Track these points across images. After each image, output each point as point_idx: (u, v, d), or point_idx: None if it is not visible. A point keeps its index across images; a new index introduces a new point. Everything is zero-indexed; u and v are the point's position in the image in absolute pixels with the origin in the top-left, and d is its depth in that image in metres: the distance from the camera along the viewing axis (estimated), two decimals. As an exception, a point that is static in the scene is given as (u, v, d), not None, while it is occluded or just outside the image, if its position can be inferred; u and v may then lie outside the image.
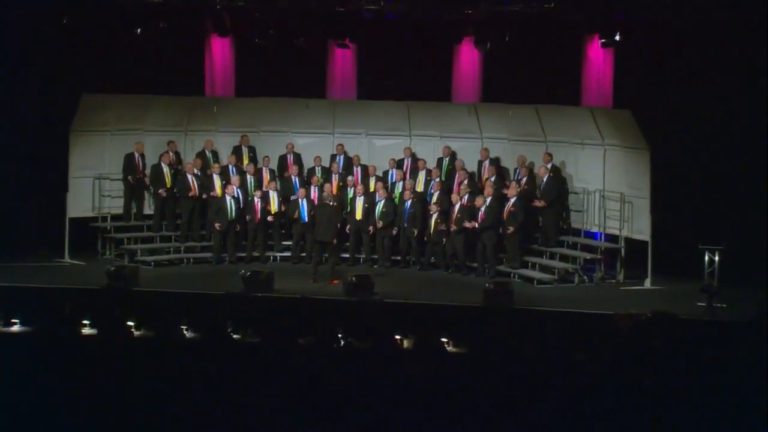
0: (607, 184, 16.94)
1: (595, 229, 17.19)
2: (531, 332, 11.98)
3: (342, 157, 18.31)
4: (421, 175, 17.82)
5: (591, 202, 17.13)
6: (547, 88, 17.95)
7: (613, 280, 16.56)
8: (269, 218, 17.29)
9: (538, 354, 11.16)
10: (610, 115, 17.22)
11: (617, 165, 16.88)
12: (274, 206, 17.38)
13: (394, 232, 17.22)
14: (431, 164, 18.02)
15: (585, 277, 16.49)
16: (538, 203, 16.97)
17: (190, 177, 17.52)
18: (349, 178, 17.74)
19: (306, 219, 17.05)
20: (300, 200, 17.20)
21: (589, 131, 17.28)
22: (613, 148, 16.95)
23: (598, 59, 18.10)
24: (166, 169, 17.70)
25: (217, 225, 17.06)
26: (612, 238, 16.92)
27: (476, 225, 16.40)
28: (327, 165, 18.16)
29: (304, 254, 17.40)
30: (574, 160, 17.56)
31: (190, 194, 17.46)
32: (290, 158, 18.32)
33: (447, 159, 18.04)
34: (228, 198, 17.11)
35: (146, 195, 18.07)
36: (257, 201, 17.24)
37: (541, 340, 11.57)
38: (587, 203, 17.21)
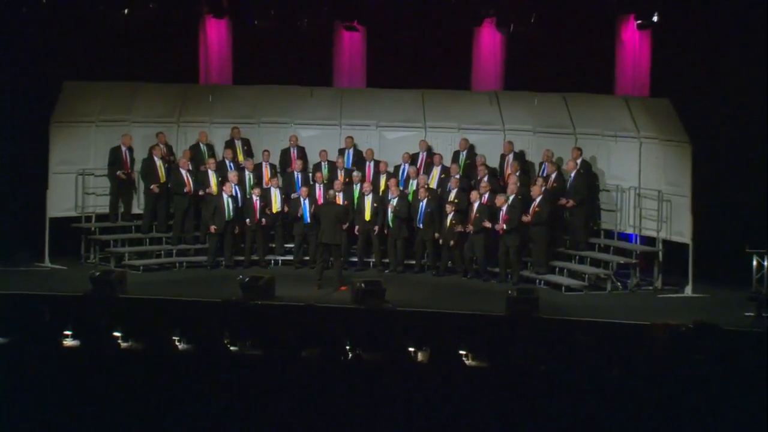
0: (643, 181, 16.92)
1: (629, 231, 17.18)
2: (558, 344, 11.96)
3: (351, 151, 18.30)
4: (436, 171, 17.79)
5: (625, 200, 17.12)
6: (577, 74, 17.98)
7: (650, 287, 16.54)
8: (262, 221, 17.25)
9: (566, 368, 11.13)
10: (646, 105, 17.20)
11: (654, 160, 16.85)
12: (276, 205, 17.37)
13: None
14: (447, 159, 18.00)
15: (618, 284, 16.46)
16: (567, 202, 16.94)
17: (183, 172, 17.53)
18: (355, 173, 17.71)
19: (308, 220, 17.05)
20: (302, 199, 17.19)
21: (623, 122, 17.26)
22: (650, 141, 16.92)
23: (633, 42, 18.10)
24: (159, 162, 17.69)
25: (212, 228, 17.07)
26: (648, 241, 16.91)
27: (504, 227, 16.32)
28: (334, 159, 18.14)
29: (307, 258, 17.40)
30: (607, 155, 17.54)
31: (185, 190, 17.45)
32: (293, 152, 18.32)
33: (464, 153, 18.02)
34: (225, 196, 17.10)
35: (134, 192, 18.09)
36: (256, 200, 17.24)
37: (569, 352, 11.55)
38: (621, 202, 17.20)
